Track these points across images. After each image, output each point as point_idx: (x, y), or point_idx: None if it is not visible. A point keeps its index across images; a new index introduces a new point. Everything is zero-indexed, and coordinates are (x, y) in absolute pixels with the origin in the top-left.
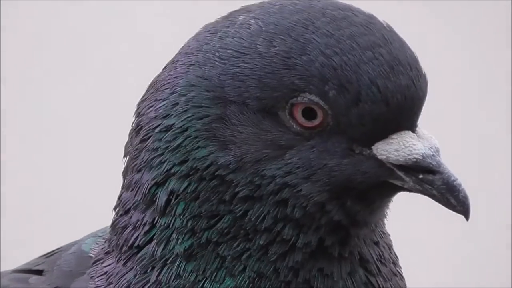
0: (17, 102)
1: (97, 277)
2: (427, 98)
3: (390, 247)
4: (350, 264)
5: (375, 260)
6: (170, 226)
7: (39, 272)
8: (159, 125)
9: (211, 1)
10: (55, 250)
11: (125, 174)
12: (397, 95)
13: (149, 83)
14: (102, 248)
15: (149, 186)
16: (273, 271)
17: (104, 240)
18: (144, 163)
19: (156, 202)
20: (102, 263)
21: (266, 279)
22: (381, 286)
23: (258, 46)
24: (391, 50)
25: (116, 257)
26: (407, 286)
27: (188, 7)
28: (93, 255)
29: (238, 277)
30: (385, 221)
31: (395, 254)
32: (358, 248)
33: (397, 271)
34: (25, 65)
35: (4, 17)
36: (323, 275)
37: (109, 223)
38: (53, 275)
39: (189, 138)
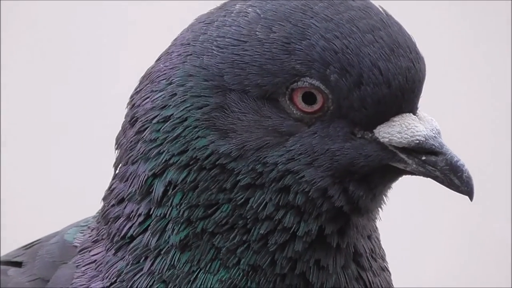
0: (15, 101)
1: (84, 266)
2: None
3: (380, 241)
4: (345, 257)
5: (368, 254)
6: (166, 216)
7: (18, 264)
8: (156, 116)
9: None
10: (34, 241)
11: (117, 165)
12: (399, 77)
13: (142, 75)
14: (90, 237)
15: (146, 177)
16: (270, 263)
17: (90, 229)
18: (140, 154)
19: (153, 193)
20: (89, 251)
21: (262, 272)
22: (371, 281)
23: (257, 33)
24: (390, 33)
25: (105, 246)
26: (407, 285)
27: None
28: (78, 244)
29: (233, 269)
30: (381, 214)
31: (383, 249)
32: (354, 240)
33: (385, 266)
34: (22, 64)
35: (4, 17)
36: (319, 267)
37: (91, 214)
38: (34, 266)
39: (189, 128)
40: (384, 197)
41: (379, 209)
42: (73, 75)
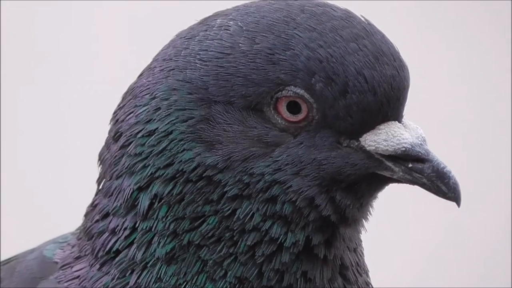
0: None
1: (67, 281)
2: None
3: (363, 255)
4: (331, 270)
5: (354, 268)
6: (152, 229)
7: None
8: (141, 130)
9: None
10: (10, 258)
11: (100, 181)
12: (384, 85)
13: (125, 91)
14: (71, 253)
15: (131, 191)
16: (257, 275)
17: (70, 246)
18: (125, 169)
19: (138, 206)
20: (72, 267)
21: (249, 285)
22: None
23: (240, 45)
24: (374, 41)
25: (89, 262)
26: (406, 282)
27: (160, 15)
28: (58, 261)
29: (219, 282)
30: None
31: (366, 264)
32: (341, 252)
33: (369, 282)
34: (22, 65)
35: (4, 17)
36: (306, 279)
37: (68, 230)
38: (12, 282)
39: (174, 141)
40: (371, 208)
41: (364, 220)
42: (70, 79)
